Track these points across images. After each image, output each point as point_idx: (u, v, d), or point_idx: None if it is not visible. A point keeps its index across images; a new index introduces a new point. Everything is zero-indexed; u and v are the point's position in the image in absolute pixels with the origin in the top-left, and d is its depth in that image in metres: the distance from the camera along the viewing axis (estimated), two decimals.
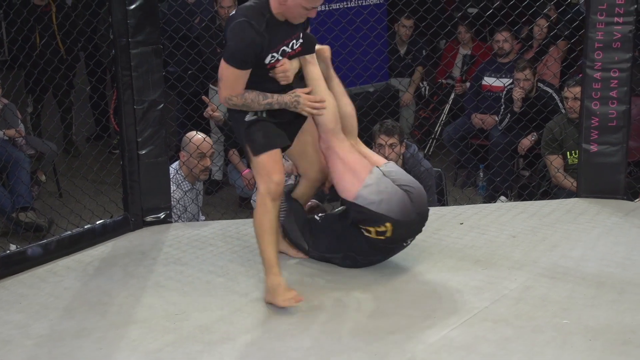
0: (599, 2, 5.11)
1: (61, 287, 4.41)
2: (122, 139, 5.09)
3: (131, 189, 5.13)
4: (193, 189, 5.83)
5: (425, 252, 4.64)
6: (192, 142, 5.74)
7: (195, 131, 5.87)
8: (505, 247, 4.67)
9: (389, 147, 5.89)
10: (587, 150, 5.30)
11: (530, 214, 5.14)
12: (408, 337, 3.76)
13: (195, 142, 5.75)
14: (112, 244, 4.98)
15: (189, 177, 5.79)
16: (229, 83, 4.07)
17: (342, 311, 4.03)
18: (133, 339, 3.83)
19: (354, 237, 4.36)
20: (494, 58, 8.02)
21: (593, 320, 3.83)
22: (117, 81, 5.04)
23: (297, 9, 4.05)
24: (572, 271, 4.34)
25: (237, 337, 3.81)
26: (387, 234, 4.23)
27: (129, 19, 4.91)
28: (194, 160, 5.73)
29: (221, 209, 6.87)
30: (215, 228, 5.16)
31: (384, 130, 5.98)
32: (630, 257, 4.49)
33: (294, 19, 4.10)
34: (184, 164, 5.77)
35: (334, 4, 7.72)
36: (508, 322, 3.85)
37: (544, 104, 6.99)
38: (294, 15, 4.08)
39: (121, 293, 4.30)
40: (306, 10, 4.09)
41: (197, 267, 4.58)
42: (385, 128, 6.00)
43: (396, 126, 6.06)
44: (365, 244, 4.33)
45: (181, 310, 4.08)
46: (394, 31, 8.62)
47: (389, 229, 4.21)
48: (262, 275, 4.26)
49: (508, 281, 4.26)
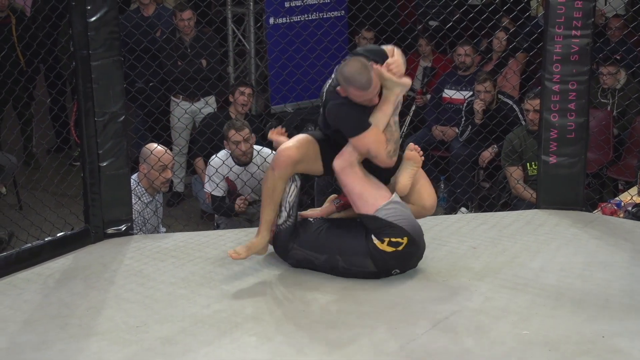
0: (557, 15, 5.16)
1: (21, 300, 4.37)
2: (83, 151, 5.07)
3: (92, 201, 5.11)
4: (153, 201, 5.82)
5: None
6: (154, 154, 5.72)
7: (156, 143, 5.85)
8: (466, 259, 4.70)
9: None
10: (546, 162, 5.34)
11: (491, 226, 5.18)
12: (369, 348, 3.77)
13: (156, 154, 5.73)
14: (73, 256, 4.95)
15: (149, 189, 5.78)
16: (377, 144, 4.34)
17: (304, 322, 4.03)
18: (94, 352, 3.81)
19: (351, 241, 4.43)
20: (454, 70, 8.08)
21: (553, 331, 3.86)
22: (77, 93, 5.02)
23: (356, 99, 4.32)
24: (532, 282, 4.37)
25: (198, 349, 3.81)
26: (400, 248, 4.35)
27: (89, 31, 4.89)
28: (155, 172, 5.71)
29: (183, 221, 6.85)
30: (176, 240, 5.15)
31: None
32: (589, 268, 4.53)
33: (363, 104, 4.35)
34: (145, 176, 5.74)
35: (295, 16, 7.74)
36: (469, 333, 3.88)
37: (504, 115, 7.05)
38: (361, 102, 4.34)
39: (82, 305, 4.28)
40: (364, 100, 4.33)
41: (158, 279, 4.57)
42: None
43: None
44: (362, 251, 4.38)
45: (142, 323, 4.06)
46: (355, 43, 8.65)
47: (405, 243, 4.35)
48: (224, 287, 4.32)
49: (469, 292, 4.29)
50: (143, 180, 5.74)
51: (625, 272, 4.50)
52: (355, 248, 4.41)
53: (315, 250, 4.51)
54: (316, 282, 4.45)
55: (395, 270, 4.45)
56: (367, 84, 4.24)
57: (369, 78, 4.24)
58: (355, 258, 4.41)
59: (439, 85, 8.19)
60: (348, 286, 4.39)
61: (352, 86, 4.26)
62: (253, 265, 4.69)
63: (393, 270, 4.45)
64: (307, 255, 4.54)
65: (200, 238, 5.17)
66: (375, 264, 4.40)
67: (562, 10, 5.15)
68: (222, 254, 4.86)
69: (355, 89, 4.26)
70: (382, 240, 4.35)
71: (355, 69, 4.25)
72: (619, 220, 5.41)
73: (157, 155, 5.71)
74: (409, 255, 4.45)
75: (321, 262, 4.49)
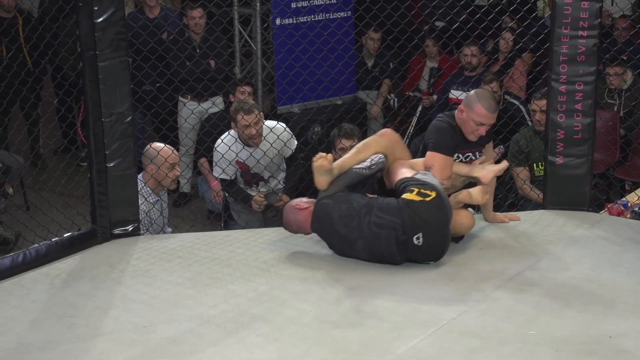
0: (563, 16, 5.16)
1: (28, 300, 4.38)
2: (89, 152, 5.07)
3: (99, 202, 5.12)
4: (159, 201, 5.80)
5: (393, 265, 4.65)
6: (160, 154, 5.69)
7: (164, 143, 5.82)
8: (472, 259, 4.70)
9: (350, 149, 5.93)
10: (553, 163, 5.34)
11: (497, 226, 5.17)
12: (375, 349, 3.78)
13: (163, 154, 5.70)
14: (80, 256, 4.96)
15: (155, 189, 5.75)
16: (439, 168, 4.78)
17: (310, 322, 4.03)
18: (100, 352, 3.82)
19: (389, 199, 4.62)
20: (460, 71, 8.07)
21: (559, 331, 3.86)
22: (84, 94, 5.02)
23: (469, 122, 4.85)
24: (538, 283, 4.37)
25: (205, 349, 3.81)
26: (428, 199, 4.51)
27: (96, 31, 4.90)
28: (163, 172, 5.68)
29: (189, 222, 6.86)
30: (183, 240, 5.16)
31: (343, 134, 6.04)
32: (596, 269, 4.53)
33: (467, 133, 4.89)
34: (151, 177, 5.70)
35: (301, 17, 7.75)
36: (475, 333, 3.88)
37: (510, 116, 7.04)
38: (467, 130, 4.88)
39: (88, 306, 4.29)
40: (476, 125, 4.84)
41: (165, 280, 4.57)
42: (345, 132, 6.07)
43: (354, 129, 6.13)
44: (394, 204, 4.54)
45: (149, 323, 4.07)
46: (362, 44, 8.66)
47: (433, 196, 4.52)
48: (230, 287, 4.28)
49: (475, 292, 4.29)
50: (150, 180, 5.72)
51: (632, 272, 4.49)
52: (390, 202, 4.56)
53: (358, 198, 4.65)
54: (323, 282, 4.46)
55: (419, 235, 4.48)
56: (494, 108, 4.83)
57: (497, 106, 4.88)
58: (389, 208, 4.52)
59: (445, 85, 8.19)
60: (354, 287, 4.40)
61: (480, 104, 4.80)
62: (260, 265, 4.70)
63: (416, 236, 4.48)
64: (350, 198, 4.64)
65: (207, 238, 5.18)
66: (402, 218, 4.47)
67: (569, 11, 5.15)
68: (229, 254, 4.88)
69: (482, 108, 4.79)
70: (411, 191, 4.52)
71: (489, 94, 4.95)
72: (626, 221, 5.40)
73: (164, 155, 5.67)
74: (436, 219, 4.51)
75: (359, 205, 4.58)
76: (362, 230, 4.55)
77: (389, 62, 8.63)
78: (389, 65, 8.64)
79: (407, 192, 4.54)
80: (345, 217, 4.59)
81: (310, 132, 7.55)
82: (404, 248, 4.52)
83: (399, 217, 4.49)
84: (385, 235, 4.51)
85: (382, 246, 4.53)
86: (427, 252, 4.56)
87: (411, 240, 4.50)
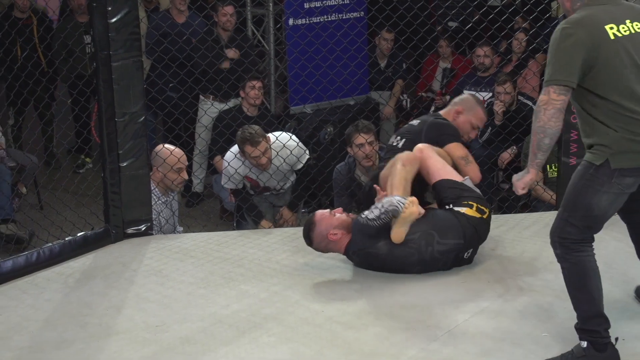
0: None
1: (42, 299, 4.40)
2: (102, 151, 5.09)
3: (112, 201, 5.13)
4: (170, 201, 5.75)
5: None
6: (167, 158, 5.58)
7: (174, 146, 5.74)
8: (485, 260, 4.70)
9: (369, 144, 5.93)
10: (566, 164, 5.33)
11: (510, 227, 5.17)
12: (388, 350, 3.78)
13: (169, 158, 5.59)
14: (93, 255, 4.98)
15: (163, 190, 5.65)
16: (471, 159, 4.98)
17: (323, 322, 4.04)
18: (113, 351, 3.83)
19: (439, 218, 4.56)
20: (473, 72, 8.06)
21: (572, 333, 3.85)
22: (98, 94, 5.04)
23: (465, 125, 5.16)
24: (551, 284, 4.36)
25: (217, 348, 3.82)
26: (485, 216, 4.60)
27: (110, 32, 4.91)
28: (171, 174, 5.57)
29: (202, 221, 6.87)
30: (196, 240, 5.17)
31: (361, 128, 6.02)
32: (610, 270, 4.51)
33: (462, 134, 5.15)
34: (161, 180, 5.60)
35: (314, 17, 7.74)
36: (488, 335, 3.88)
37: (523, 117, 7.03)
38: (463, 131, 5.14)
39: (102, 305, 4.30)
40: (472, 128, 5.19)
41: (177, 279, 4.59)
42: (363, 126, 6.05)
43: (370, 124, 6.13)
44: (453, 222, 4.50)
45: (162, 322, 4.08)
46: (375, 44, 8.65)
47: (487, 214, 4.63)
48: (243, 287, 4.28)
49: (488, 294, 4.29)
50: (159, 182, 5.61)
51: None
52: (447, 221, 4.52)
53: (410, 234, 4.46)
54: (336, 282, 4.47)
55: (469, 251, 4.55)
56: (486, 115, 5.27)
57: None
58: (450, 231, 4.48)
59: (458, 86, 8.17)
60: (366, 287, 4.40)
61: (480, 108, 5.22)
62: (272, 265, 4.71)
63: (466, 252, 4.55)
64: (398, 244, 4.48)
65: (219, 238, 5.19)
66: (465, 237, 4.50)
67: None
68: (242, 254, 4.88)
69: (481, 112, 5.20)
70: (470, 206, 4.54)
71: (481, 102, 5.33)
72: None
73: (171, 159, 5.58)
74: (484, 234, 4.63)
75: (415, 242, 4.44)
76: (424, 261, 4.50)
77: (402, 62, 8.62)
78: (402, 66, 8.63)
79: (466, 207, 4.56)
80: (400, 258, 4.49)
81: (323, 132, 7.54)
82: (456, 262, 4.57)
83: (462, 237, 4.51)
84: (447, 258, 4.53)
85: (439, 265, 4.54)
86: (462, 263, 4.61)
87: (462, 255, 4.56)
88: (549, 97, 3.49)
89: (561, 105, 3.49)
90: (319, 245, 4.64)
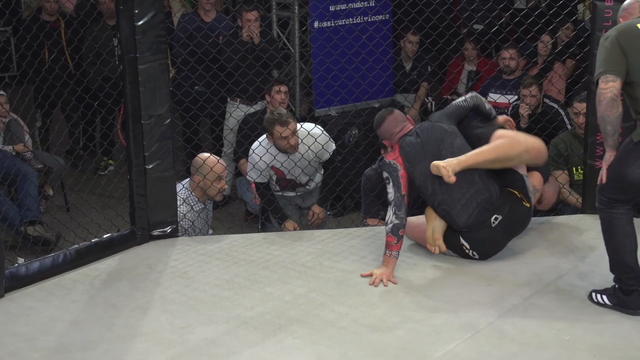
0: (603, 19, 5.12)
1: (68, 300, 4.43)
2: (129, 154, 5.11)
3: (138, 203, 5.16)
4: (205, 209, 5.72)
5: (431, 267, 4.66)
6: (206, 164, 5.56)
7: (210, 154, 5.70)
8: (511, 264, 4.69)
9: None
10: (592, 166, 5.31)
11: (536, 230, 5.15)
12: (412, 352, 3.78)
13: (209, 164, 5.58)
14: (119, 257, 5.01)
15: (202, 197, 5.65)
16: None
17: (347, 325, 4.04)
18: (139, 352, 3.85)
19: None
20: (499, 74, 8.04)
21: (598, 337, 3.84)
22: (124, 96, 5.07)
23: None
24: (577, 288, 4.35)
25: (242, 350, 3.83)
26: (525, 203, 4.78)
27: (137, 34, 4.94)
28: (208, 181, 5.58)
29: (227, 223, 6.88)
30: (221, 242, 5.19)
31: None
32: None
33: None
34: (197, 186, 5.60)
35: (340, 20, 7.74)
36: (513, 338, 3.87)
37: (549, 120, 7.00)
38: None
39: (128, 306, 4.32)
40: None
41: (203, 281, 4.60)
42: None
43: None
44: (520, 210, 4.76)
45: (187, 324, 4.10)
46: (400, 47, 8.64)
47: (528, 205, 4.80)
48: (268, 290, 4.29)
49: (513, 297, 4.28)
50: (196, 190, 5.61)
51: None
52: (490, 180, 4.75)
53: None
54: (360, 284, 4.47)
55: (497, 217, 4.69)
56: None
57: None
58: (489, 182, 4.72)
59: (483, 89, 8.13)
60: (391, 290, 4.40)
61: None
62: (297, 268, 4.72)
63: (495, 216, 4.69)
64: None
65: (244, 240, 5.20)
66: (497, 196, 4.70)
67: (609, 14, 5.10)
68: (266, 256, 4.89)
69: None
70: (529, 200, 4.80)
71: None
72: None
73: (211, 166, 5.58)
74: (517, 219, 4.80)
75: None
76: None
77: (427, 65, 8.60)
78: (427, 69, 8.60)
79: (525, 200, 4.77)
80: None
81: (348, 135, 7.54)
82: (479, 216, 4.64)
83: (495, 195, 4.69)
84: (478, 188, 4.64)
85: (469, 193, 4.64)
86: (487, 241, 4.69)
87: (490, 218, 4.65)
88: (599, 89, 4.01)
89: (611, 93, 3.99)
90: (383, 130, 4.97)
